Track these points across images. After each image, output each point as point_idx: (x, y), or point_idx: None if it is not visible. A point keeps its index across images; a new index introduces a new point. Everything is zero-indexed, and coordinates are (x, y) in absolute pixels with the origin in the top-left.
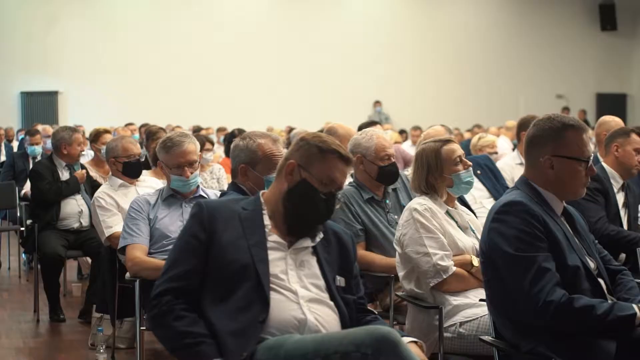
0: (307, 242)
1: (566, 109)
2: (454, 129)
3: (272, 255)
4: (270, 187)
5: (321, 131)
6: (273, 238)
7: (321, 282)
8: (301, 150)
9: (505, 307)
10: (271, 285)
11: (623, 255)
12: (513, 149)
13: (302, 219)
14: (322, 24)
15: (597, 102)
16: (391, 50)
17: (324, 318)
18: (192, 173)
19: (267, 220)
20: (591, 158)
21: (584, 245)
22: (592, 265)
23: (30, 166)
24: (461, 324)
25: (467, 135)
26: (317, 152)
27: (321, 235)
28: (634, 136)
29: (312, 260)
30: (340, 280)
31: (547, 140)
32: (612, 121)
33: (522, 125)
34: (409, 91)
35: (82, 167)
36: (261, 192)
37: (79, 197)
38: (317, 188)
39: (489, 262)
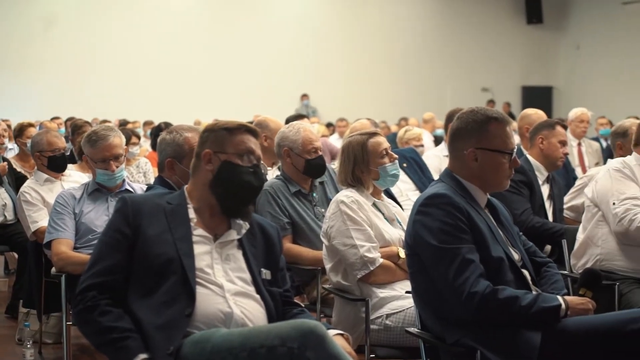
0: (233, 235)
1: (491, 102)
2: (381, 122)
3: (198, 249)
4: (190, 183)
5: (251, 123)
6: (198, 232)
7: (247, 276)
8: (210, 139)
9: (431, 299)
10: (197, 279)
11: (548, 247)
12: (435, 141)
13: (237, 197)
14: (250, 17)
15: (522, 95)
16: (319, 43)
17: (250, 312)
18: (117, 167)
19: (192, 214)
20: (515, 150)
21: (508, 237)
22: (516, 256)
23: None
24: (387, 316)
25: (394, 128)
26: (226, 133)
27: (247, 227)
28: (558, 128)
29: (237, 254)
30: (266, 273)
31: (470, 133)
32: (534, 114)
33: (450, 118)
34: (337, 84)
35: (4, 159)
36: (185, 186)
37: (2, 190)
38: (240, 164)
39: (414, 254)
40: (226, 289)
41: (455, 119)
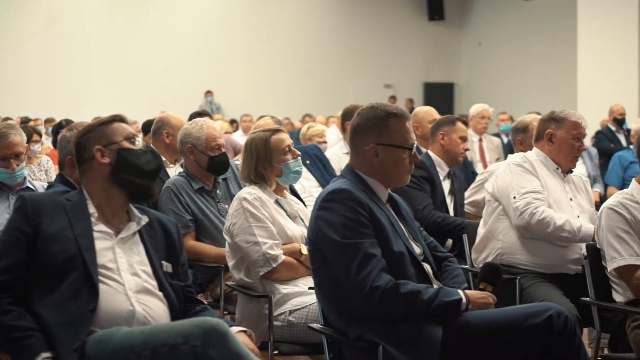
0: (133, 228)
1: (393, 98)
2: (284, 119)
3: (99, 244)
4: (85, 183)
5: (152, 120)
6: (99, 227)
7: (149, 269)
8: (92, 139)
9: (333, 295)
10: (100, 277)
11: (450, 241)
12: None
13: (142, 178)
14: (153, 13)
15: (424, 91)
16: (222, 40)
17: (152, 310)
18: (18, 165)
19: (92, 209)
20: (415, 145)
21: (409, 231)
22: (417, 250)
23: None
24: (291, 312)
25: (297, 125)
26: (104, 127)
27: (146, 219)
28: (459, 124)
29: (139, 247)
30: (167, 266)
31: (371, 129)
32: (421, 111)
33: (346, 115)
34: (241, 81)
35: None
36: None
37: None
38: (133, 148)
39: (316, 250)
40: (128, 287)
41: (355, 115)
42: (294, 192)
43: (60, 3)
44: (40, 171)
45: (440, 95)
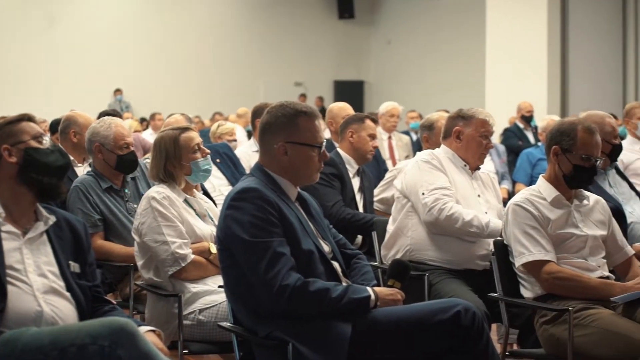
0: (41, 227)
1: (303, 96)
2: (195, 117)
3: (7, 245)
4: None
5: (59, 120)
6: (7, 228)
7: (56, 269)
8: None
9: (242, 293)
10: (7, 277)
11: (360, 238)
12: (248, 136)
13: (49, 177)
14: (64, 12)
15: (334, 89)
16: (132, 37)
17: (60, 310)
18: None
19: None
20: (324, 143)
21: (318, 230)
22: (326, 248)
23: None
24: (200, 311)
25: (208, 123)
26: (12, 126)
27: (54, 219)
28: (368, 122)
29: (46, 247)
30: (74, 266)
31: (280, 127)
32: (336, 107)
33: (256, 113)
34: (150, 79)
35: None
36: None
37: None
38: (41, 147)
39: (225, 249)
40: (36, 287)
41: (265, 113)
42: (204, 191)
43: None
44: None
45: (350, 93)
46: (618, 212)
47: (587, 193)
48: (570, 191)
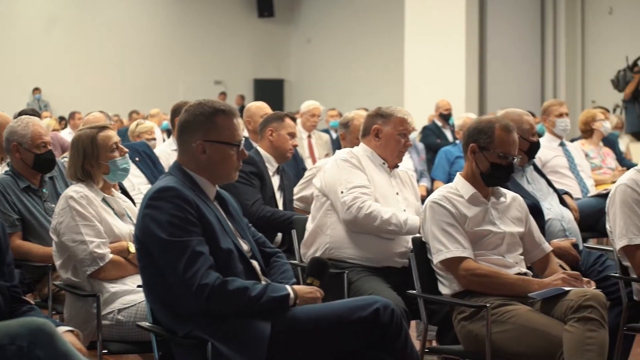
0: None
1: (223, 94)
2: (114, 116)
3: None
4: None
5: None
6: None
7: None
8: None
9: (161, 293)
10: None
11: (279, 236)
12: (167, 135)
13: None
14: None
15: (255, 88)
16: (51, 36)
17: None
18: None
19: None
20: (242, 142)
21: (237, 228)
22: (245, 247)
23: None
24: (119, 310)
25: (127, 122)
26: None
27: None
28: (287, 121)
29: None
30: None
31: (198, 125)
32: (254, 106)
33: (176, 111)
34: (69, 78)
35: None
36: None
37: None
38: None
39: (143, 248)
40: None
41: (183, 112)
42: (123, 190)
43: None
44: None
45: (270, 91)
46: (536, 209)
47: (504, 190)
48: (488, 188)
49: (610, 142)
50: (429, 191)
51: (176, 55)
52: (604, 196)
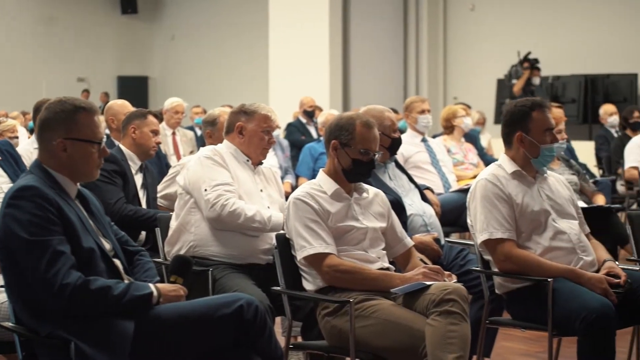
0: None
1: (87, 92)
2: None
3: None
4: None
5: None
6: None
7: None
8: None
9: (23, 293)
10: None
11: (143, 234)
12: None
13: None
14: None
15: (118, 85)
16: None
17: None
18: None
19: None
20: (104, 139)
21: (99, 227)
22: (107, 246)
23: None
24: None
25: None
26: None
27: None
28: (150, 118)
29: None
30: None
31: (59, 123)
32: (116, 104)
33: (37, 109)
34: None
35: None
36: None
37: None
38: None
39: (4, 248)
40: None
41: (43, 109)
42: None
43: None
44: None
45: (134, 88)
46: (398, 205)
47: (366, 186)
48: (350, 184)
49: (472, 137)
50: (294, 188)
51: (38, 52)
52: (465, 191)
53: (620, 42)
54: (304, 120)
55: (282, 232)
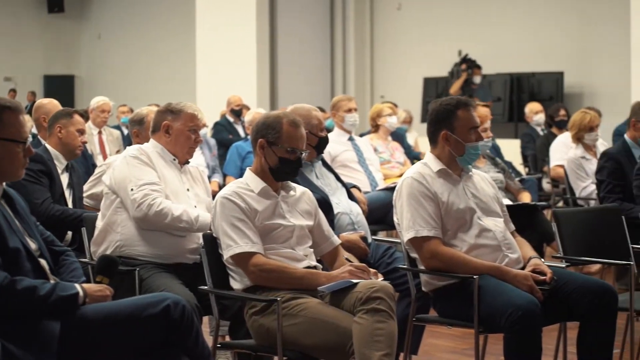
0: None
1: (13, 91)
2: None
3: None
4: None
5: None
6: None
7: None
8: None
9: None
10: None
11: (70, 234)
12: None
13: None
14: None
15: (45, 84)
16: None
17: None
18: None
19: None
20: (29, 139)
21: (25, 227)
22: (33, 246)
23: None
24: None
25: None
26: None
27: None
28: (76, 117)
29: None
30: None
31: None
32: (49, 103)
33: None
34: None
35: None
36: None
37: None
38: None
39: None
40: None
41: None
42: None
43: None
44: None
45: (61, 87)
46: (325, 203)
47: (293, 185)
48: (277, 183)
49: (398, 136)
50: (221, 187)
51: None
52: (392, 189)
53: (546, 41)
54: (231, 119)
55: (209, 231)
